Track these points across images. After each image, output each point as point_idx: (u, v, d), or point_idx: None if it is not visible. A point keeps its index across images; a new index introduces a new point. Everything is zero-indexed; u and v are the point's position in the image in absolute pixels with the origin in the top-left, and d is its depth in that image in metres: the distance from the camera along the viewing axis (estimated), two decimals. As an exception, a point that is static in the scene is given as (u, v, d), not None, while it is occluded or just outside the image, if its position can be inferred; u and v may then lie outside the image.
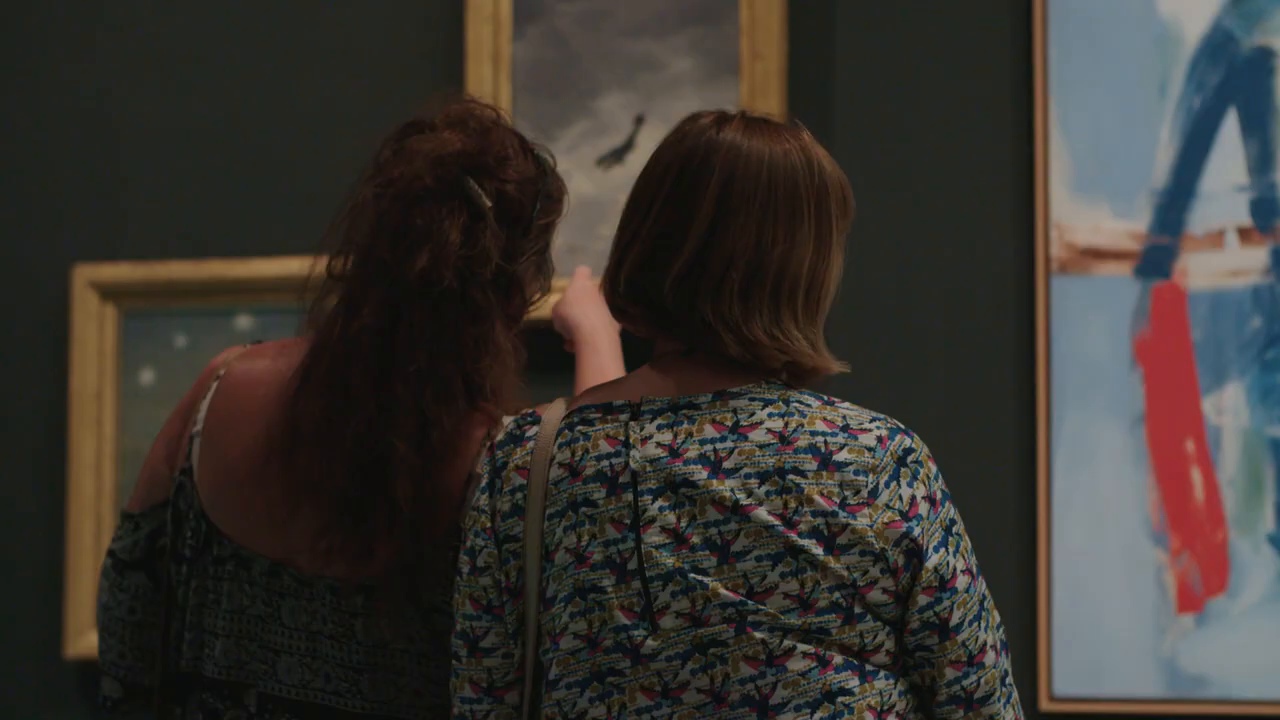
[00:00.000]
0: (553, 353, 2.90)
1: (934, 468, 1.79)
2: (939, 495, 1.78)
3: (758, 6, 2.90)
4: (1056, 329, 2.84)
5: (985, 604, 1.79)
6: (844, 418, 1.77)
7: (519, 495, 1.80)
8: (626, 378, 1.85)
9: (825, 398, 1.79)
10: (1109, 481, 2.81)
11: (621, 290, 1.81)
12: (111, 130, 3.18)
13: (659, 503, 1.74)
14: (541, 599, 1.78)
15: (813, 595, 1.72)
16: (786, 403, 1.77)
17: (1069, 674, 2.79)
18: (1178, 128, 2.84)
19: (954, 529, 1.78)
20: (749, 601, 1.71)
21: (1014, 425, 2.85)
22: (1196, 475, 2.80)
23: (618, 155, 2.95)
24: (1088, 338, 2.84)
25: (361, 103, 3.03)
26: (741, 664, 1.72)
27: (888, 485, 1.75)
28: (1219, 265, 2.82)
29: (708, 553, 1.72)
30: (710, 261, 1.75)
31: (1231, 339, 2.81)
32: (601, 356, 2.14)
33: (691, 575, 1.72)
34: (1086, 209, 2.85)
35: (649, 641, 1.73)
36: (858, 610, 1.73)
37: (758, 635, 1.71)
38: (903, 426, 1.79)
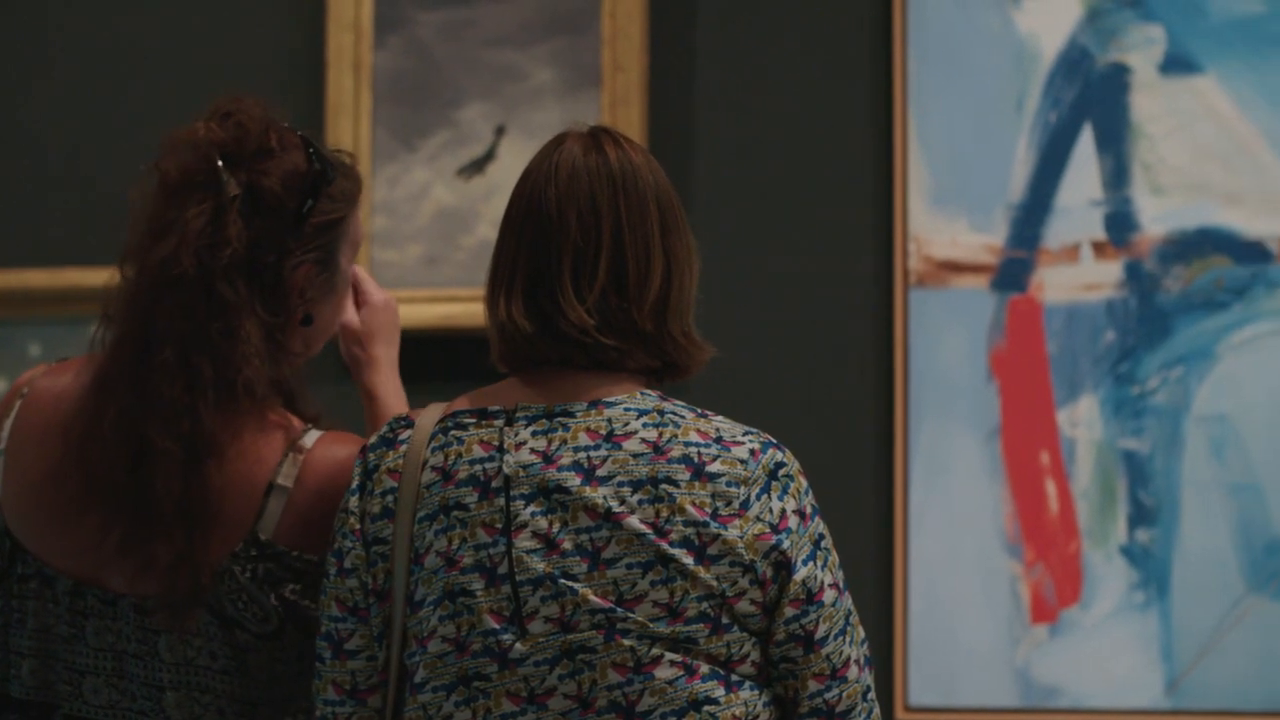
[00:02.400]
0: (435, 361, 2.90)
1: (804, 482, 1.81)
2: (809, 510, 1.79)
3: (619, 18, 2.91)
4: (914, 341, 2.86)
5: (850, 619, 1.80)
6: (717, 430, 1.78)
7: (390, 498, 1.79)
8: (502, 384, 1.84)
9: (699, 410, 1.80)
10: (965, 493, 2.84)
11: (582, 307, 1.79)
12: (-36, 139, 3.14)
13: (531, 508, 1.74)
14: (409, 602, 1.77)
15: (682, 604, 1.72)
16: (661, 414, 1.78)
17: (924, 684, 2.81)
18: (1034, 143, 2.87)
19: (822, 543, 1.79)
20: (618, 609, 1.72)
21: (871, 437, 2.87)
22: (1051, 487, 2.83)
23: (479, 165, 2.94)
24: (945, 350, 2.86)
25: (221, 111, 3.01)
26: (609, 671, 1.72)
27: (759, 498, 1.76)
28: (1074, 279, 2.85)
29: (579, 559, 1.73)
30: (672, 281, 1.79)
31: (1086, 352, 2.84)
32: (388, 400, 2.13)
33: (562, 581, 1.72)
34: (944, 223, 2.87)
35: (517, 646, 1.72)
36: (725, 621, 1.74)
37: (626, 642, 1.72)
38: (775, 441, 1.81)
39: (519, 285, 1.80)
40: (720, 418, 1.80)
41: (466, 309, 2.88)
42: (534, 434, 1.77)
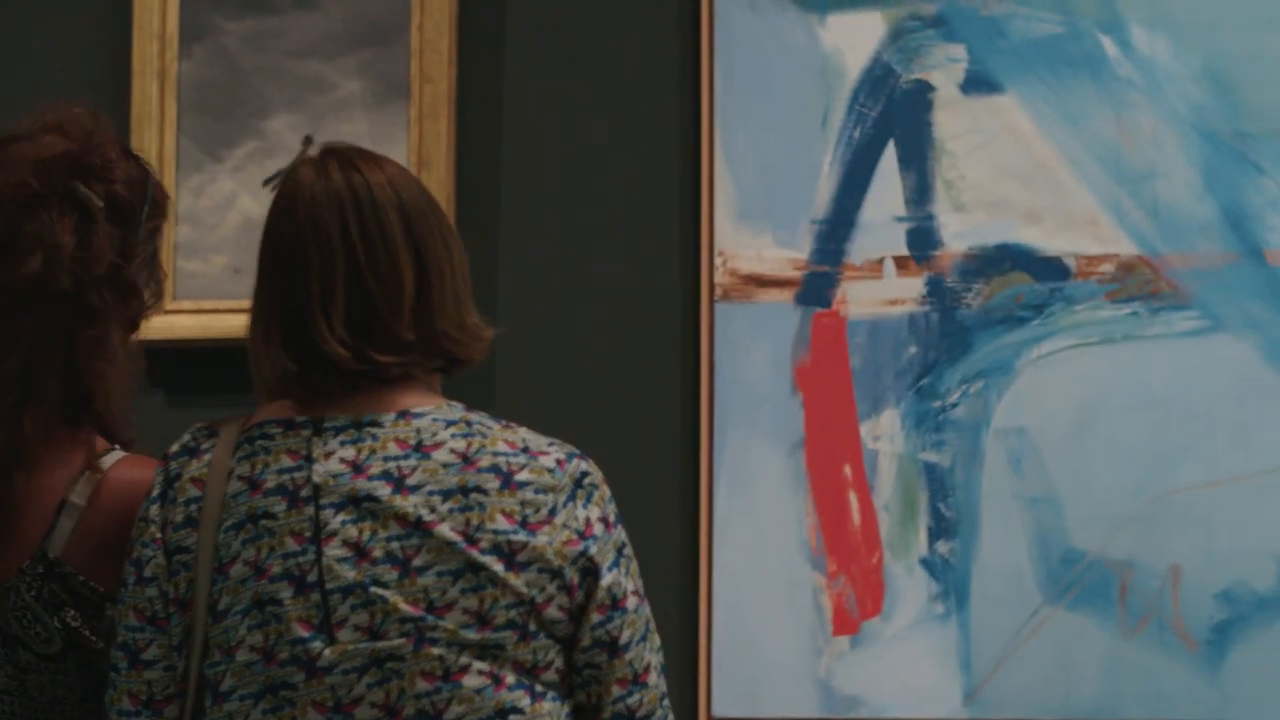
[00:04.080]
0: (241, 372, 2.88)
1: (607, 491, 1.85)
2: (611, 518, 1.84)
3: (427, 30, 2.90)
4: (719, 355, 2.88)
5: (650, 626, 1.84)
6: (524, 440, 1.82)
7: (193, 507, 1.79)
8: (306, 396, 1.84)
9: (503, 421, 1.84)
10: (768, 505, 2.86)
11: (360, 343, 1.80)
12: None
13: (341, 516, 1.75)
14: (212, 612, 1.77)
15: (491, 611, 1.74)
16: (469, 424, 1.81)
17: (728, 695, 2.83)
18: (839, 159, 2.89)
19: (624, 551, 1.84)
20: (428, 616, 1.73)
21: (677, 449, 2.88)
22: (853, 499, 2.86)
23: (285, 176, 2.92)
24: (749, 364, 2.88)
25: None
26: (417, 679, 1.73)
27: (565, 505, 1.79)
28: (877, 294, 2.88)
29: (389, 567, 1.74)
30: (431, 284, 1.81)
31: (888, 366, 2.87)
32: None
33: (372, 589, 1.73)
34: (750, 237, 2.89)
35: (326, 654, 1.73)
36: (533, 628, 1.76)
37: (434, 651, 1.73)
38: (579, 451, 1.85)
39: (275, 327, 1.82)
40: (524, 429, 1.83)
41: (272, 320, 2.87)
42: (343, 444, 1.78)
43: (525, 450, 1.80)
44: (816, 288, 2.88)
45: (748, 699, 2.83)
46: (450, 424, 1.80)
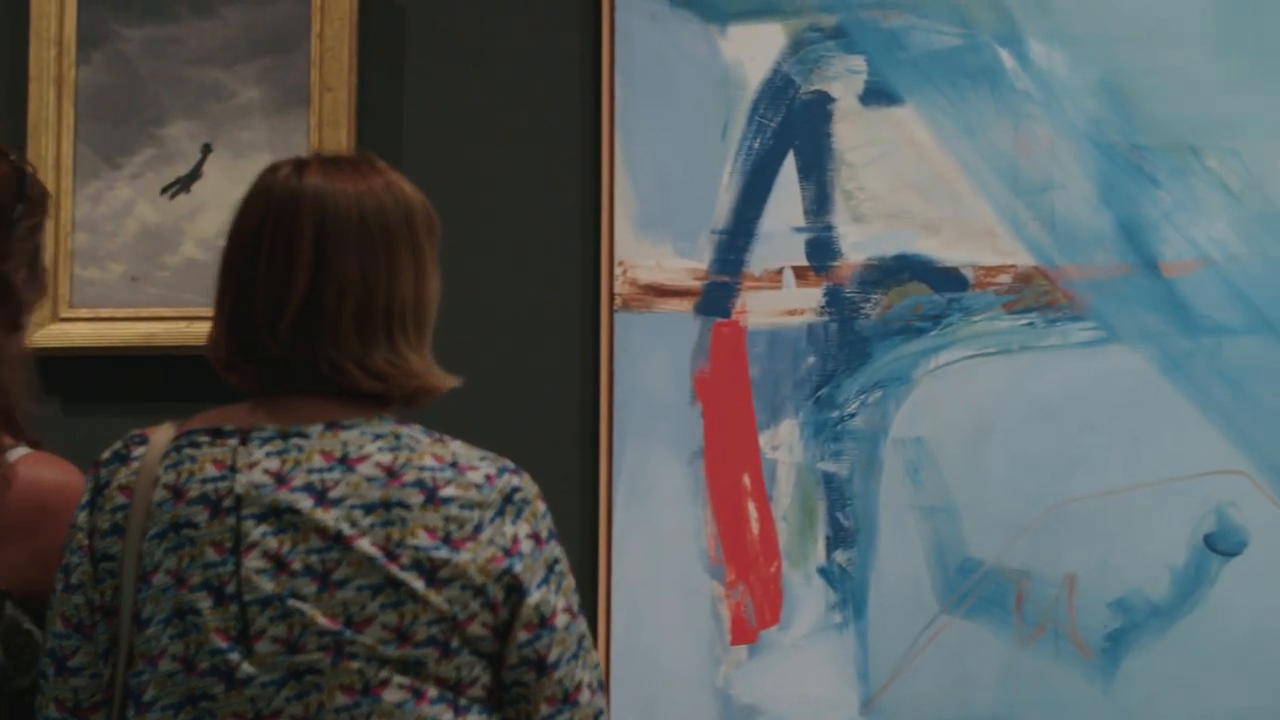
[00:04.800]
0: (138, 381, 2.86)
1: (541, 507, 1.83)
2: (544, 534, 1.82)
3: (328, 38, 2.89)
4: (619, 364, 2.88)
5: (584, 643, 1.82)
6: (454, 454, 1.80)
7: (120, 514, 1.78)
8: (238, 406, 1.84)
9: (436, 435, 1.82)
10: (668, 515, 2.86)
11: (238, 349, 1.80)
12: None
13: (262, 528, 1.74)
14: (135, 620, 1.76)
15: (411, 628, 1.73)
16: (397, 438, 1.79)
17: (626, 704, 2.83)
18: (739, 169, 2.90)
19: (556, 568, 1.82)
20: (347, 630, 1.72)
21: (577, 458, 2.88)
22: (752, 509, 2.87)
23: (184, 184, 2.91)
24: (649, 373, 2.88)
25: (-81, 124, 2.96)
26: (337, 693, 1.71)
27: (492, 521, 1.77)
28: (776, 304, 2.89)
29: (308, 580, 1.73)
30: (322, 303, 1.78)
31: (787, 376, 2.88)
32: None
33: (290, 601, 1.72)
34: (650, 247, 2.90)
35: (244, 666, 1.72)
36: (455, 644, 1.75)
37: (354, 665, 1.72)
38: (512, 466, 1.83)
39: (222, 320, 1.81)
40: (458, 442, 1.82)
41: (170, 328, 2.85)
42: (268, 454, 1.77)
43: (453, 465, 1.78)
44: (716, 298, 2.89)
45: (646, 708, 2.83)
46: (378, 437, 1.79)
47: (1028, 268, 2.85)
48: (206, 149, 2.93)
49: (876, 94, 2.89)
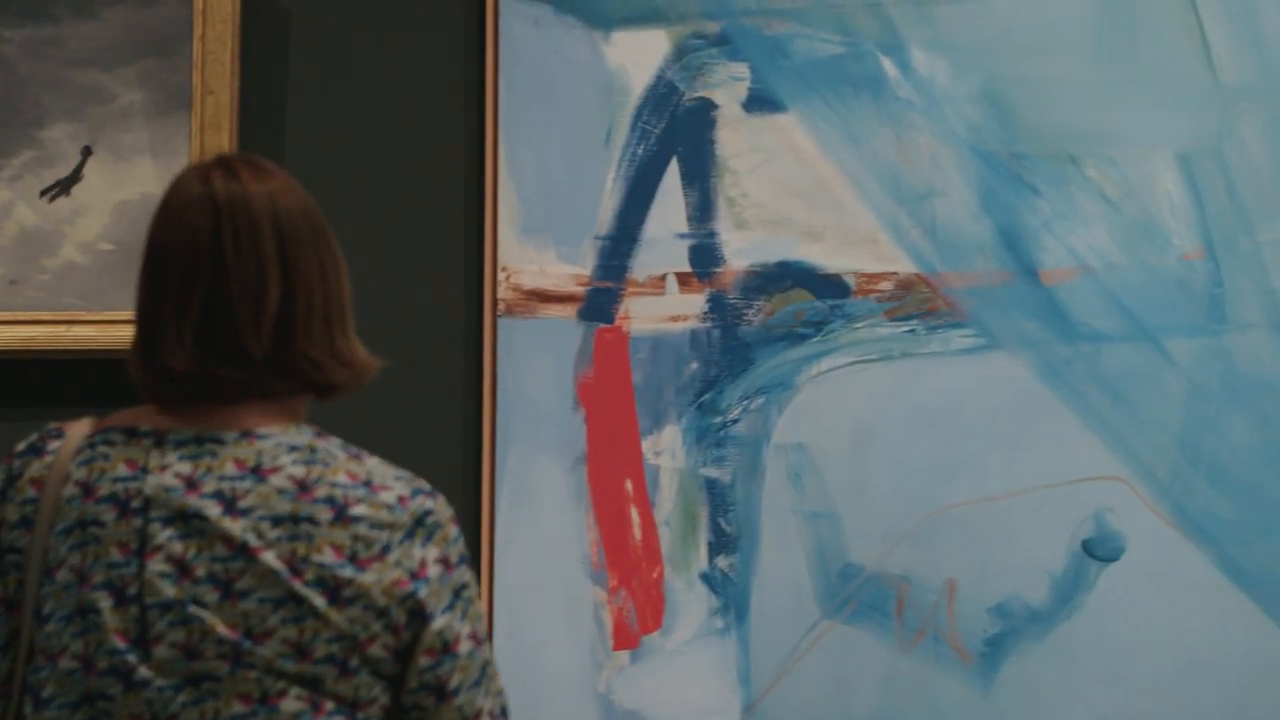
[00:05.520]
0: (15, 386, 2.83)
1: (454, 531, 1.81)
2: (454, 559, 1.80)
3: (210, 41, 2.88)
4: (502, 370, 2.88)
5: (487, 670, 1.81)
6: (369, 472, 1.79)
7: (29, 507, 1.77)
8: (156, 409, 1.82)
9: (354, 450, 1.81)
10: (551, 520, 2.86)
11: (210, 356, 1.77)
12: None
13: (168, 531, 1.73)
14: (37, 615, 1.75)
15: (311, 644, 1.72)
16: (313, 451, 1.78)
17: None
18: (622, 175, 2.91)
19: (464, 593, 1.80)
20: (246, 641, 1.71)
21: (460, 463, 2.88)
22: (634, 514, 2.87)
23: (64, 186, 2.89)
24: (532, 379, 2.88)
25: None
26: (234, 701, 1.70)
27: (401, 543, 1.76)
28: (659, 310, 2.89)
29: (210, 587, 1.72)
30: (296, 302, 1.78)
31: (670, 382, 2.88)
32: None
33: (191, 608, 1.71)
34: (533, 253, 2.90)
35: (142, 669, 1.71)
36: (355, 664, 1.73)
37: (252, 675, 1.71)
38: (428, 488, 1.81)
39: (139, 328, 1.80)
40: (375, 459, 1.80)
41: (49, 332, 2.83)
42: (181, 458, 1.76)
43: (367, 484, 1.77)
44: (599, 303, 2.89)
45: (528, 713, 2.83)
46: (294, 449, 1.78)
47: (909, 275, 2.87)
48: (87, 151, 2.91)
49: (760, 101, 2.91)
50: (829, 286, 2.88)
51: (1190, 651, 2.79)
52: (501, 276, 2.89)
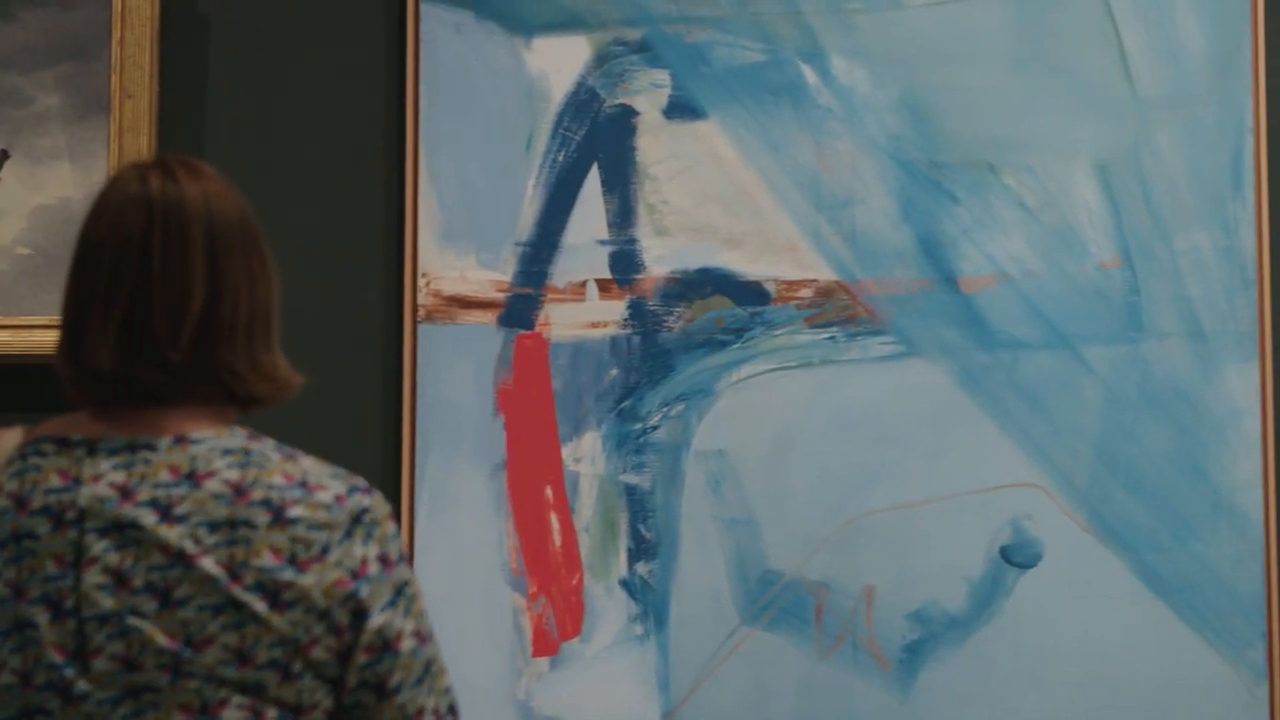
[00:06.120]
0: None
1: (392, 528, 1.79)
2: (393, 556, 1.78)
3: (128, 45, 2.87)
4: (422, 376, 2.87)
5: (432, 668, 1.80)
6: (304, 473, 1.77)
7: None
8: (88, 415, 1.80)
9: (288, 451, 1.79)
10: (470, 526, 2.86)
11: (131, 358, 1.76)
12: None
13: (103, 543, 1.71)
14: None
15: (252, 649, 1.70)
16: (247, 454, 1.76)
17: (426, 717, 2.82)
18: (543, 182, 2.91)
19: (405, 591, 1.78)
20: (186, 650, 1.69)
21: (379, 469, 2.87)
22: (554, 521, 2.87)
23: (-20, 190, 2.88)
24: (452, 385, 2.88)
25: None
26: (175, 711, 1.69)
27: (340, 543, 1.74)
28: (579, 317, 2.89)
29: (148, 597, 1.70)
30: (220, 309, 1.76)
31: (590, 388, 2.89)
32: None
33: (130, 619, 1.69)
34: (453, 258, 2.90)
35: (80, 682, 1.69)
36: (297, 668, 1.72)
37: (192, 685, 1.69)
38: (364, 485, 1.80)
39: (64, 327, 1.78)
40: (310, 459, 1.79)
41: (-36, 336, 2.82)
42: (114, 467, 1.74)
43: (303, 484, 1.75)
44: (519, 310, 2.89)
45: None
46: (228, 453, 1.76)
47: (829, 282, 2.88)
48: (3, 155, 2.89)
49: (680, 108, 2.91)
50: (749, 293, 2.89)
51: (1106, 657, 2.81)
52: (421, 282, 2.89)
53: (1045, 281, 2.86)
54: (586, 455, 2.88)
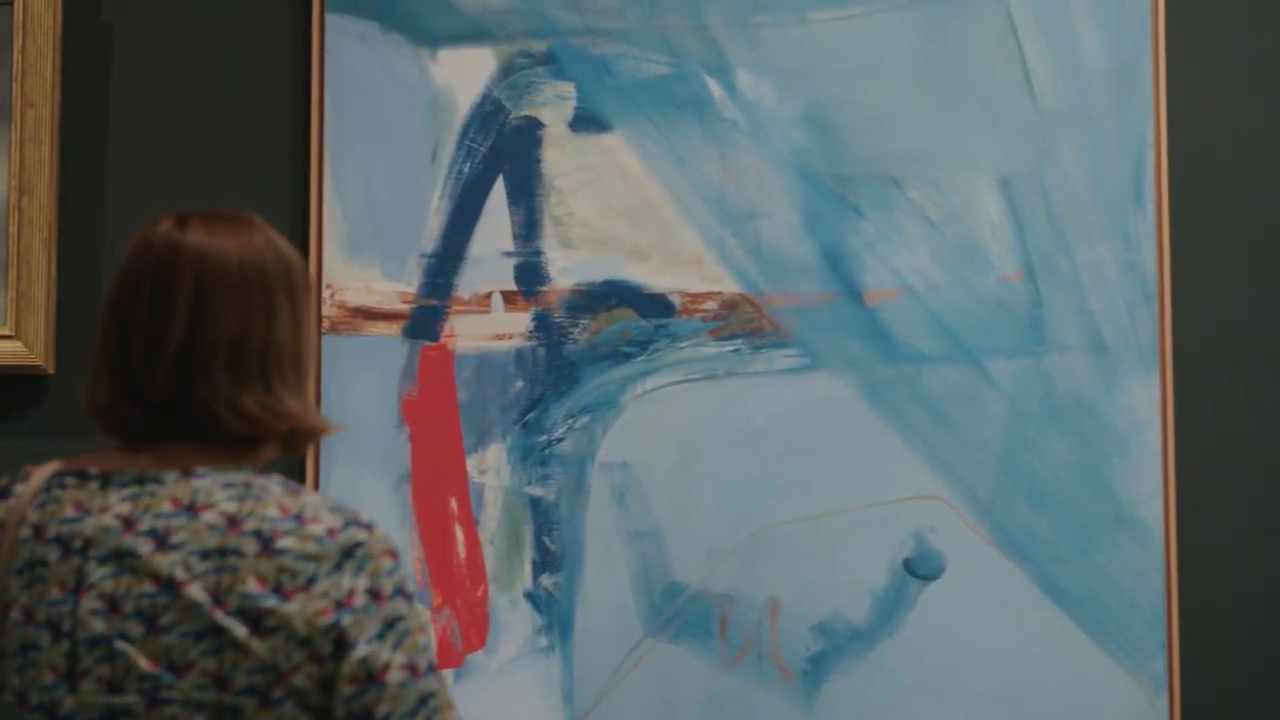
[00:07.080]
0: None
1: (388, 563, 1.80)
2: (386, 591, 1.79)
3: (30, 53, 2.86)
4: (327, 388, 2.87)
5: (430, 702, 1.79)
6: (302, 506, 1.80)
7: None
8: (111, 450, 1.87)
9: (292, 486, 1.83)
10: (373, 539, 2.85)
11: (120, 394, 1.83)
12: None
13: (102, 570, 1.77)
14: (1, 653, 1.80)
15: (230, 674, 1.73)
16: (248, 487, 1.81)
17: (328, 730, 2.81)
18: (448, 193, 2.91)
19: (399, 625, 1.79)
20: (167, 675, 1.73)
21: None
22: (459, 532, 2.87)
23: (-123, 200, 2.85)
24: (357, 397, 2.87)
25: None
26: None
27: (329, 575, 1.76)
28: (485, 328, 2.89)
29: (136, 623, 1.75)
30: (197, 347, 1.81)
31: (495, 400, 2.89)
32: None
33: (118, 643, 1.75)
34: (358, 270, 2.89)
35: (67, 702, 1.75)
36: (278, 695, 1.74)
37: (168, 711, 1.73)
38: (364, 521, 1.82)
39: (105, 365, 1.86)
40: (315, 495, 1.82)
41: None
42: (123, 499, 1.80)
43: (298, 517, 1.78)
44: (424, 321, 2.89)
45: (348, 733, 2.81)
46: (229, 485, 1.80)
47: (734, 295, 2.89)
48: (-98, 164, 2.87)
49: (586, 120, 2.92)
50: (654, 306, 2.89)
51: (1009, 669, 2.83)
52: (326, 294, 2.88)
53: (949, 295, 2.88)
54: (491, 467, 2.87)
